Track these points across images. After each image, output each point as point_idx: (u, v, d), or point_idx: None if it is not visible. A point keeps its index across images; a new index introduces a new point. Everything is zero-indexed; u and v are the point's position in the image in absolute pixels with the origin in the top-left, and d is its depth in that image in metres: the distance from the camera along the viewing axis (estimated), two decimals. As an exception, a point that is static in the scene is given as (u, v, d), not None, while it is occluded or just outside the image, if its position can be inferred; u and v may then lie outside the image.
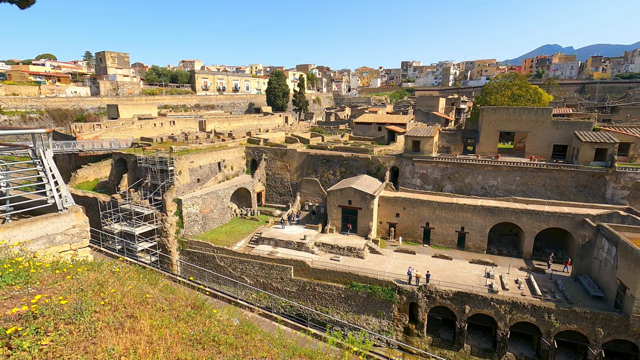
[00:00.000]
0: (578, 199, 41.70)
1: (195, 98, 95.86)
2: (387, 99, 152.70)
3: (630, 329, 27.07)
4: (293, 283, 36.93)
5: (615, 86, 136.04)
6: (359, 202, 42.36)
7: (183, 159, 44.43)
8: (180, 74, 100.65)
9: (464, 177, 46.70)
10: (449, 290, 31.71)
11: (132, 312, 5.60)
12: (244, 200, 53.14)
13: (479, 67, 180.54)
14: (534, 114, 47.44)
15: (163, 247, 41.15)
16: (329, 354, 7.79)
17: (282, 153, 55.45)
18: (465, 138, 56.60)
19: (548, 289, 31.89)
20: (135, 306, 5.86)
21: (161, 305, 6.34)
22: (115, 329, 5.04)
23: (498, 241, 42.77)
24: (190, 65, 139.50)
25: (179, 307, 6.57)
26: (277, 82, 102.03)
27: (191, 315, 6.33)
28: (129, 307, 5.77)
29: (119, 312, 5.50)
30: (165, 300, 6.83)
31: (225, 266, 39.65)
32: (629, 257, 27.32)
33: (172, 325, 5.54)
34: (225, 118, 78.62)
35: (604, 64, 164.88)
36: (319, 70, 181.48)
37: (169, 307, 6.39)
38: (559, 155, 46.39)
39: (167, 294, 7.47)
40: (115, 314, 5.42)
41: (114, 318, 5.25)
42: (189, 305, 7.02)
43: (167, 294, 7.55)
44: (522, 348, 31.06)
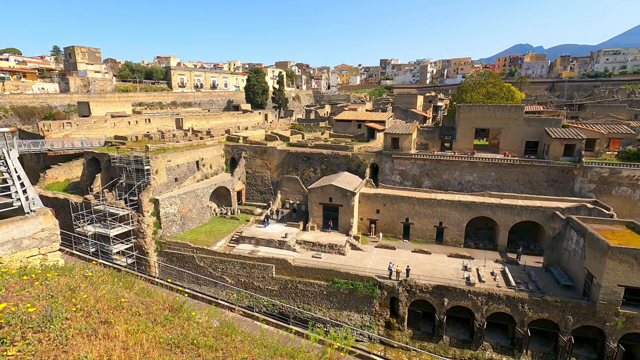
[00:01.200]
0: (549, 193, 43.47)
1: (171, 95, 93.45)
2: (367, 97, 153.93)
3: (597, 316, 28.54)
4: (275, 281, 36.79)
5: (582, 85, 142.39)
6: (340, 199, 42.59)
7: (160, 158, 43.28)
8: (155, 70, 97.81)
9: (442, 173, 47.76)
10: (429, 284, 32.43)
11: (106, 318, 5.42)
12: (224, 199, 52.39)
13: (455, 65, 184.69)
14: (507, 111, 48.99)
15: (140, 249, 40.03)
16: (311, 352, 7.80)
17: (262, 151, 54.96)
18: (443, 135, 57.83)
19: (522, 279, 33.15)
20: (109, 311, 5.67)
21: (137, 309, 6.16)
22: (88, 335, 4.86)
23: (474, 235, 44.04)
24: (166, 62, 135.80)
25: (156, 311, 6.41)
26: (256, 79, 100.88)
27: (169, 319, 6.18)
28: (102, 312, 5.58)
29: (92, 318, 5.31)
30: (141, 304, 6.64)
31: (205, 266, 39.01)
32: (595, 247, 28.75)
33: (149, 330, 5.40)
34: (203, 116, 77.08)
35: (572, 63, 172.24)
36: (298, 67, 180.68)
37: (145, 310, 6.22)
38: (530, 151, 48.14)
39: (144, 298, 7.26)
40: (88, 320, 5.23)
41: (86, 324, 5.06)
42: (166, 308, 6.86)
43: (144, 297, 7.35)
44: (498, 337, 32.20)
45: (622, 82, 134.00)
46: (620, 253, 26.86)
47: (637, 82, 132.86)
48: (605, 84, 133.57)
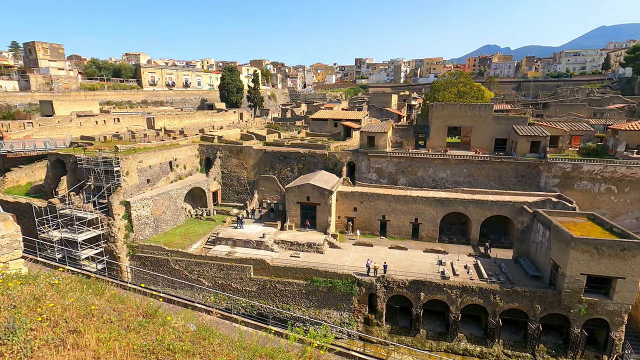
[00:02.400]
0: (517, 188, 45.39)
1: (142, 94, 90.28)
2: (342, 96, 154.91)
3: (562, 303, 30.13)
4: (253, 282, 36.41)
5: (546, 84, 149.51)
6: (318, 198, 42.67)
7: (130, 159, 41.76)
8: (124, 67, 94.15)
9: (417, 171, 48.83)
10: (405, 280, 33.10)
11: (75, 327, 5.17)
12: (199, 200, 51.26)
13: (428, 65, 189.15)
14: (477, 110, 50.70)
15: (111, 254, 38.49)
16: (291, 351, 7.79)
17: (238, 150, 54.17)
18: (417, 133, 59.08)
19: (493, 272, 34.47)
20: (78, 320, 5.41)
21: (109, 316, 5.92)
22: (56, 346, 4.62)
23: (448, 230, 45.35)
24: (135, 59, 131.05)
25: (129, 317, 6.18)
26: (231, 77, 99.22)
27: (143, 325, 5.98)
28: (71, 321, 5.32)
29: (60, 327, 5.05)
30: (113, 311, 6.39)
31: (180, 269, 38.05)
32: (560, 239, 30.32)
33: (122, 337, 5.20)
34: (176, 115, 75.02)
35: (537, 64, 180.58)
36: (273, 66, 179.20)
37: (117, 317, 5.98)
38: (500, 148, 50.07)
39: (116, 304, 6.99)
40: (56, 330, 4.97)
41: (53, 335, 4.81)
42: (140, 314, 6.63)
43: (116, 303, 7.07)
44: (472, 328, 33.35)
45: (582, 82, 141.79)
46: (582, 243, 28.46)
47: (595, 82, 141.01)
48: (567, 84, 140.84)
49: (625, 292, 28.54)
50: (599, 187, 43.16)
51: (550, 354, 30.77)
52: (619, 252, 27.86)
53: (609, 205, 43.15)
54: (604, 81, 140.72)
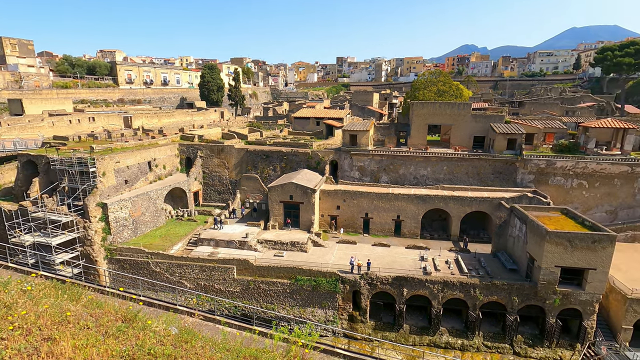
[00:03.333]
0: (495, 184, 46.67)
1: (118, 92, 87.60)
2: (324, 94, 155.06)
3: (538, 295, 31.24)
4: (236, 283, 36.03)
5: (522, 83, 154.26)
6: (301, 197, 42.60)
7: (107, 159, 40.48)
8: (98, 65, 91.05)
9: (398, 168, 49.47)
10: (389, 276, 33.53)
11: (49, 334, 4.97)
12: (180, 201, 50.26)
13: (408, 64, 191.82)
14: (456, 108, 51.78)
15: (87, 257, 37.24)
16: (275, 351, 7.75)
17: (219, 150, 53.40)
18: (398, 131, 59.84)
19: (473, 266, 35.37)
20: (53, 327, 5.21)
21: (86, 322, 5.72)
22: (29, 355, 4.43)
23: (430, 226, 46.20)
24: (111, 56, 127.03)
25: (108, 322, 5.99)
26: (211, 75, 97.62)
27: (122, 330, 5.81)
28: (45, 328, 5.11)
29: (33, 335, 4.84)
30: (90, 317, 6.18)
31: (161, 272, 37.23)
32: (535, 232, 31.40)
33: (100, 343, 5.04)
34: (154, 114, 73.19)
35: (512, 63, 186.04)
36: (254, 64, 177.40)
37: (95, 323, 5.79)
38: (478, 146, 51.33)
39: (93, 309, 6.76)
40: (29, 338, 4.77)
41: (26, 343, 4.61)
42: (119, 318, 6.44)
43: (93, 309, 6.84)
44: (454, 322, 34.13)
45: (555, 82, 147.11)
46: (556, 237, 29.57)
47: (567, 82, 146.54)
48: (540, 83, 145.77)
49: (596, 282, 29.85)
50: (571, 182, 44.92)
51: (527, 344, 31.86)
52: (590, 245, 29.10)
53: (581, 200, 44.99)
54: (575, 80, 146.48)
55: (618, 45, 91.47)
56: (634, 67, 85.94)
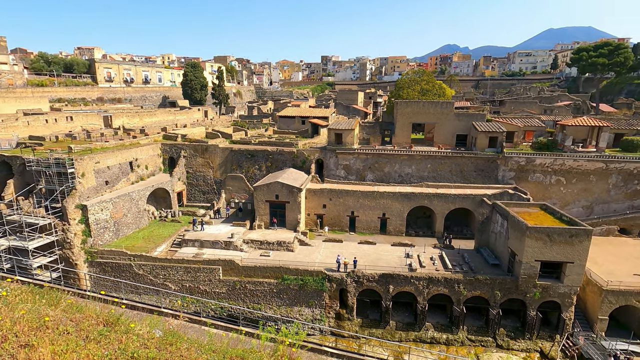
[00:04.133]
0: (477, 181, 47.66)
1: (97, 90, 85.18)
2: (309, 93, 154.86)
3: (520, 289, 32.10)
4: (222, 284, 35.66)
5: (502, 83, 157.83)
6: (287, 196, 42.46)
7: (86, 160, 39.37)
8: (76, 62, 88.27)
9: (383, 167, 49.90)
10: (375, 273, 33.81)
11: (27, 341, 4.80)
12: (163, 202, 49.34)
13: (392, 63, 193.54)
14: (440, 107, 52.59)
15: (67, 261, 36.17)
16: (262, 351, 7.71)
17: (203, 149, 52.66)
18: (383, 130, 60.32)
19: (457, 262, 36.04)
20: (30, 333, 5.03)
21: (65, 327, 5.55)
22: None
23: (415, 224, 46.81)
24: (89, 53, 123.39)
25: (89, 327, 5.82)
26: (194, 73, 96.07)
27: (104, 334, 5.66)
28: (22, 335, 4.93)
29: (9, 342, 4.67)
30: (70, 321, 6.00)
31: (145, 274, 36.48)
32: (516, 228, 32.24)
33: (81, 348, 4.90)
34: (135, 112, 71.53)
35: (493, 63, 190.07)
36: (238, 62, 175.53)
37: (75, 328, 5.62)
38: (461, 144, 52.26)
39: (73, 314, 6.57)
40: (5, 345, 4.59)
41: (2, 350, 4.44)
42: (100, 322, 6.27)
43: (73, 313, 6.64)
44: (438, 317, 34.72)
45: (533, 81, 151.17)
46: (536, 232, 30.43)
47: (545, 81, 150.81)
48: (520, 82, 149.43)
49: (574, 275, 30.89)
50: (549, 179, 46.30)
51: (509, 337, 32.72)
52: (568, 239, 30.08)
53: (559, 196, 46.44)
54: (553, 80, 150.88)
55: (593, 46, 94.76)
56: (607, 67, 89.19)
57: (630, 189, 45.26)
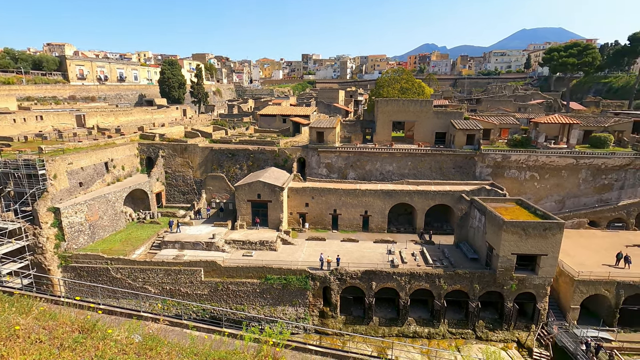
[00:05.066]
0: (456, 178, 48.78)
1: (69, 88, 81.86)
2: (290, 91, 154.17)
3: (497, 281, 33.12)
4: (204, 285, 35.09)
5: (478, 81, 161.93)
6: (269, 195, 42.18)
7: (58, 161, 37.82)
8: (46, 59, 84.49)
9: (365, 165, 50.32)
10: (358, 270, 34.08)
11: (-5, 351, 4.56)
12: (141, 203, 48.03)
13: (372, 61, 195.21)
14: (419, 105, 53.45)
15: (39, 266, 34.68)
16: (246, 352, 7.64)
17: (183, 149, 51.58)
18: (364, 128, 60.80)
19: (437, 257, 36.80)
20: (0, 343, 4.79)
21: (37, 335, 5.31)
22: (-29, 375, 4.05)
23: (396, 220, 47.46)
24: (59, 50, 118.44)
25: (63, 334, 5.59)
26: (171, 71, 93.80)
27: (79, 341, 5.45)
28: (-10, 345, 4.68)
29: (-24, 354, 4.43)
30: (43, 329, 5.74)
31: (123, 278, 35.45)
32: (493, 223, 33.21)
33: (55, 357, 4.70)
34: (110, 111, 69.24)
35: (470, 62, 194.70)
36: (217, 60, 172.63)
37: (48, 336, 5.39)
38: (440, 141, 53.32)
39: (46, 321, 6.29)
40: (-30, 357, 4.35)
41: (-32, 363, 4.21)
42: (75, 329, 6.03)
43: (46, 321, 6.37)
44: (420, 312, 35.38)
45: (508, 80, 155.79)
46: (512, 226, 31.44)
47: (519, 80, 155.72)
48: (495, 81, 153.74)
49: (548, 267, 32.13)
50: (524, 174, 47.92)
51: (488, 328, 33.71)
52: (542, 232, 31.24)
53: (533, 191, 48.15)
54: (526, 79, 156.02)
55: (563, 47, 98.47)
56: (577, 67, 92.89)
57: (599, 183, 47.45)
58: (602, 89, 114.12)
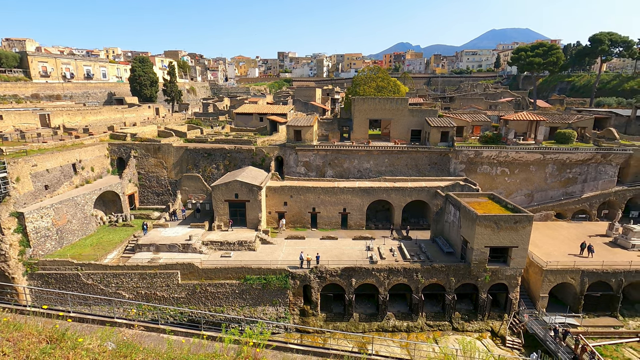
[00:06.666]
0: (431, 174, 49.93)
1: (31, 86, 77.56)
2: (267, 89, 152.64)
3: (472, 274, 34.23)
4: (181, 288, 34.27)
5: (451, 80, 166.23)
6: (247, 195, 41.67)
7: (21, 163, 35.82)
8: (5, 55, 79.58)
9: (343, 163, 50.62)
10: (337, 268, 34.30)
11: (-47, 367, 4.27)
12: (113, 205, 46.28)
13: (349, 60, 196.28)
14: (395, 103, 54.27)
15: (2, 275, 32.75)
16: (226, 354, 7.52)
17: (156, 149, 50.06)
18: (341, 126, 61.10)
19: (415, 252, 37.60)
20: (-42, 358, 4.48)
21: (1, 348, 5.00)
22: None
23: (374, 217, 48.08)
24: (20, 46, 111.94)
25: (29, 346, 5.30)
26: (142, 69, 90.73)
27: (47, 352, 5.19)
28: (-53, 361, 4.38)
29: None
30: (7, 341, 5.42)
31: (94, 284, 34.05)
32: (467, 217, 34.26)
33: (20, 370, 4.45)
34: (77, 110, 66.19)
35: (443, 61, 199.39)
36: (191, 57, 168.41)
37: (12, 348, 5.09)
38: (415, 139, 54.41)
39: (10, 333, 5.94)
40: None
41: None
42: (43, 340, 5.73)
43: (10, 332, 6.01)
44: (399, 306, 36.07)
45: (479, 78, 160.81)
46: (485, 220, 32.56)
47: (489, 79, 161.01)
48: (467, 80, 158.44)
49: (519, 258, 33.52)
50: (495, 170, 49.70)
51: (464, 319, 34.81)
52: (512, 225, 32.54)
53: (504, 185, 50.04)
54: (496, 78, 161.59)
55: (530, 47, 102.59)
56: (542, 66, 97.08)
57: (564, 177, 49.90)
58: (566, 87, 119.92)
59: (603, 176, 49.63)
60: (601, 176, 49.66)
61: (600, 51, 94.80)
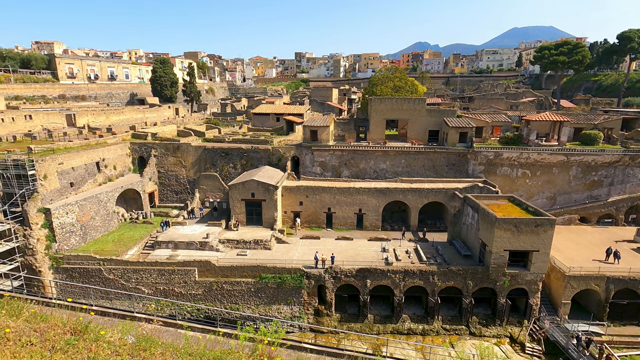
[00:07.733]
0: (449, 175, 49.11)
1: (58, 87, 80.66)
2: (284, 90, 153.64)
3: (490, 278, 33.46)
4: (198, 285, 34.92)
5: (471, 79, 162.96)
6: (263, 194, 42.06)
7: (48, 160, 37.29)
8: (34, 57, 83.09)
9: (359, 163, 50.41)
10: (352, 269, 34.18)
11: (-15, 355, 4.49)
12: (134, 203, 47.59)
13: (366, 60, 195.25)
14: (412, 103, 53.65)
15: (29, 268, 34.21)
16: (241, 351, 7.62)
17: (175, 148, 51.17)
18: (358, 126, 60.85)
19: (431, 254, 37.06)
20: (-11, 346, 4.71)
21: (29, 338, 5.23)
22: (-39, 380, 3.98)
23: (390, 218, 47.66)
24: (48, 48, 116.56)
25: (55, 336, 5.52)
26: (163, 70, 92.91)
27: (72, 343, 5.39)
28: (-20, 349, 4.61)
29: (-35, 358, 4.35)
30: (34, 332, 5.67)
31: (115, 279, 35.13)
32: (486, 220, 33.51)
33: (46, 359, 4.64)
34: (101, 111, 68.41)
35: (462, 60, 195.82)
36: (210, 58, 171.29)
37: (39, 338, 5.32)
38: (433, 139, 53.63)
39: (37, 324, 6.20)
40: (-41, 361, 4.28)
41: (-43, 367, 4.13)
42: (67, 331, 5.96)
43: (37, 323, 6.28)
44: (415, 308, 35.62)
45: (500, 78, 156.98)
46: (504, 223, 31.76)
47: (510, 78, 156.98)
48: (487, 79, 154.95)
49: (540, 262, 32.54)
50: (516, 172, 48.42)
51: (481, 324, 34.06)
52: (533, 229, 31.61)
53: (525, 188, 48.69)
54: (518, 77, 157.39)
55: (554, 45, 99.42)
56: (567, 65, 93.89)
57: (589, 180, 48.13)
58: (592, 86, 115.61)
59: (631, 179, 47.61)
60: (629, 179, 47.65)
61: (629, 49, 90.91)
